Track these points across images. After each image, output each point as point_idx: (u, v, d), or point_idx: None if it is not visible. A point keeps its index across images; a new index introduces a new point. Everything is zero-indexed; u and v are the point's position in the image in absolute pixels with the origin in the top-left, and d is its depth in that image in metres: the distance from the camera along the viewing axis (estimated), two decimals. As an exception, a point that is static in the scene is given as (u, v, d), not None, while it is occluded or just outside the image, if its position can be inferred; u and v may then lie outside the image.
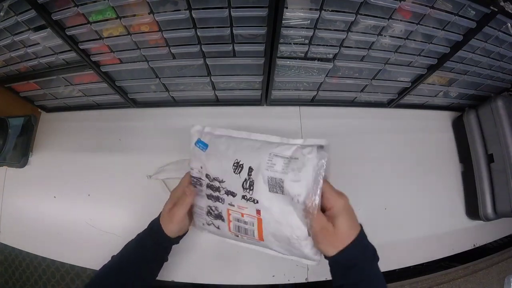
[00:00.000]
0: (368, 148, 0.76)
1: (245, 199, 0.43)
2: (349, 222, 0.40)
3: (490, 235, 0.76)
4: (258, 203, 0.42)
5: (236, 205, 0.44)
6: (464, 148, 0.76)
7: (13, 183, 0.77)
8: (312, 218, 0.38)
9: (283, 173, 0.39)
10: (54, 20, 0.49)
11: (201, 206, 0.48)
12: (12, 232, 0.74)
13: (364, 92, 0.72)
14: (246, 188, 0.42)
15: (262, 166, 0.41)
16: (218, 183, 0.44)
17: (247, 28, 0.51)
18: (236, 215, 0.44)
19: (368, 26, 0.52)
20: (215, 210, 0.46)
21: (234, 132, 0.48)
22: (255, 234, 0.44)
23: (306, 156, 0.40)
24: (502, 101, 0.69)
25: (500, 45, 0.60)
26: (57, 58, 0.59)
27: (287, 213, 0.40)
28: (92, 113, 0.80)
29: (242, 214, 0.43)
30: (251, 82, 0.67)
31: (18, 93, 0.74)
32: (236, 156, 0.43)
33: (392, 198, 0.73)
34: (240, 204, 0.43)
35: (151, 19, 0.48)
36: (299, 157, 0.40)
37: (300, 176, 0.39)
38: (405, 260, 0.69)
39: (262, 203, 0.41)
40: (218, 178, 0.44)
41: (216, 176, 0.45)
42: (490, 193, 0.69)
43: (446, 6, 0.49)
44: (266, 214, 0.42)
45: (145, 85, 0.69)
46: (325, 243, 0.38)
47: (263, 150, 0.43)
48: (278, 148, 0.42)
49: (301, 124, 0.76)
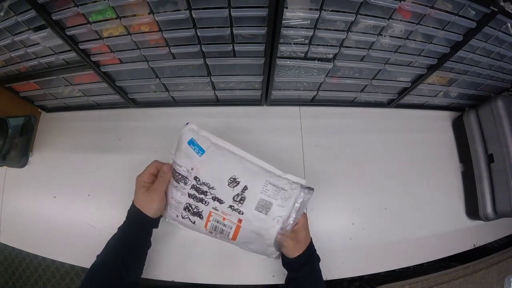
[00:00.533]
0: (368, 148, 0.76)
1: (231, 208, 0.50)
2: (306, 234, 0.54)
3: (490, 235, 0.76)
4: (242, 215, 0.50)
5: (220, 211, 0.50)
6: (464, 148, 0.77)
7: (13, 183, 0.77)
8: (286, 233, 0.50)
9: (274, 198, 0.49)
10: (54, 20, 0.49)
11: (179, 201, 0.52)
12: (12, 232, 0.74)
13: (364, 92, 0.72)
14: (236, 201, 0.49)
15: (257, 189, 0.50)
16: (207, 188, 0.50)
17: (247, 28, 0.51)
18: (218, 218, 0.51)
19: (368, 26, 0.52)
20: (195, 208, 0.51)
21: (233, 148, 0.53)
22: (230, 235, 0.51)
23: (293, 190, 0.50)
24: (502, 101, 0.69)
25: (500, 45, 0.60)
26: (57, 58, 0.59)
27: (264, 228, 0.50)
28: (92, 113, 0.80)
29: (224, 218, 0.50)
30: (251, 82, 0.67)
31: (18, 93, 0.74)
32: (234, 172, 0.50)
33: (392, 198, 0.73)
34: (224, 211, 0.50)
35: (151, 19, 0.48)
36: (288, 190, 0.50)
37: (285, 204, 0.50)
38: (405, 260, 0.69)
39: (246, 216, 0.50)
40: (209, 184, 0.50)
41: (208, 182, 0.50)
42: (490, 193, 0.69)
43: (446, 6, 0.49)
44: (246, 225, 0.50)
45: (145, 85, 0.69)
46: (291, 249, 0.52)
47: (260, 176, 0.51)
48: (273, 178, 0.51)
49: (301, 124, 0.76)
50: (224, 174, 0.50)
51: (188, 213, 0.52)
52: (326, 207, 0.70)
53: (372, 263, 0.68)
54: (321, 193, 0.71)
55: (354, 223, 0.70)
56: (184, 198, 0.51)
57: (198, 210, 0.51)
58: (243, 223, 0.50)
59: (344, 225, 0.70)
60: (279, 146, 0.73)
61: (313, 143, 0.74)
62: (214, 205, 0.50)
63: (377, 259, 0.69)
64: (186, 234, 0.67)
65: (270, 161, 0.70)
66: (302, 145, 0.74)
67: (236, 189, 0.49)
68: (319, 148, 0.74)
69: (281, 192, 0.49)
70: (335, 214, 0.71)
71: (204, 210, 0.51)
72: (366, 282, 0.73)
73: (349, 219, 0.70)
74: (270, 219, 0.49)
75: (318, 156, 0.74)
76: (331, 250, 0.67)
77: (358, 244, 0.69)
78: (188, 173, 0.50)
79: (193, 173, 0.50)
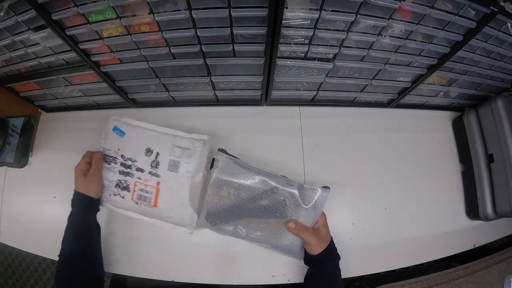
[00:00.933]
0: (368, 148, 0.76)
1: (151, 174, 0.60)
2: (326, 232, 0.58)
3: (490, 235, 0.76)
4: (159, 177, 0.60)
5: (143, 179, 0.60)
6: (464, 148, 0.77)
7: (13, 183, 0.77)
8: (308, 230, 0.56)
9: (180, 158, 0.59)
10: (54, 20, 0.49)
11: (111, 180, 0.61)
12: (12, 232, 0.74)
13: (364, 92, 0.72)
14: (154, 166, 0.60)
15: (167, 152, 0.60)
16: (131, 162, 0.61)
17: (247, 28, 0.51)
18: (141, 186, 0.60)
19: (368, 26, 0.52)
20: (124, 183, 0.61)
21: (146, 124, 0.63)
22: (152, 201, 0.59)
23: (196, 148, 0.60)
24: (502, 101, 0.69)
25: (500, 45, 0.60)
26: (57, 58, 0.59)
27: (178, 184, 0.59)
28: (92, 113, 0.80)
29: (146, 185, 0.60)
30: (251, 82, 0.67)
31: (18, 93, 0.74)
32: (148, 144, 0.61)
33: (392, 198, 0.73)
34: (146, 178, 0.60)
35: (151, 19, 0.48)
36: (191, 148, 0.60)
37: (191, 160, 0.59)
38: (405, 260, 0.69)
39: (162, 178, 0.60)
40: (132, 158, 0.61)
41: (131, 156, 0.61)
42: (490, 193, 0.69)
43: (446, 6, 0.49)
44: (163, 186, 0.59)
45: (145, 85, 0.69)
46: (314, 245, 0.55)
47: (167, 141, 0.61)
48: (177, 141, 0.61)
49: (301, 124, 0.76)
50: (141, 146, 0.61)
51: (119, 189, 0.61)
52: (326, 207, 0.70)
53: (372, 263, 0.68)
54: (321, 193, 0.71)
55: (354, 223, 0.70)
56: (115, 176, 0.61)
57: (127, 184, 0.61)
58: (161, 186, 0.59)
59: (344, 225, 0.70)
60: (279, 146, 0.73)
61: (313, 143, 0.74)
62: (138, 175, 0.60)
63: (377, 259, 0.69)
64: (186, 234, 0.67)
65: (270, 161, 0.71)
66: (302, 145, 0.74)
67: (152, 156, 0.60)
68: (319, 148, 0.74)
69: (186, 152, 0.59)
70: (335, 214, 0.70)
71: (130, 182, 0.61)
72: (366, 282, 0.73)
73: (349, 219, 0.70)
74: (180, 175, 0.58)
75: (318, 156, 0.74)
76: (331, 250, 0.67)
77: (358, 244, 0.69)
78: (116, 153, 0.61)
79: (119, 152, 0.61)
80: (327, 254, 0.55)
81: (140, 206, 0.59)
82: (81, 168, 0.60)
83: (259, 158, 0.71)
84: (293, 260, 0.66)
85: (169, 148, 0.59)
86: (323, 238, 0.56)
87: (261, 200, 0.56)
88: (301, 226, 0.56)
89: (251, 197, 0.56)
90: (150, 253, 0.67)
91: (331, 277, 0.55)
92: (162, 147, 0.59)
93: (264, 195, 0.56)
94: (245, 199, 0.56)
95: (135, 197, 0.59)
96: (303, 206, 0.56)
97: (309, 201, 0.56)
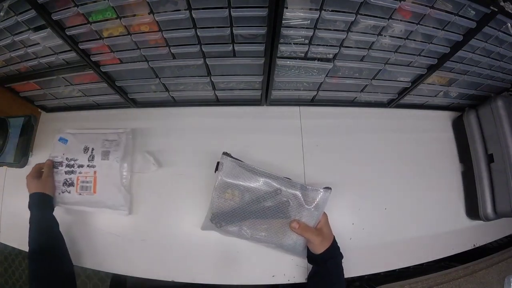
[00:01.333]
0: (368, 148, 0.76)
1: (88, 166, 0.69)
2: (329, 231, 0.60)
3: (490, 235, 0.76)
4: (95, 167, 0.69)
5: (83, 172, 0.69)
6: (464, 148, 0.76)
7: (13, 183, 0.77)
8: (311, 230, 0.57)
9: (109, 148, 0.70)
10: (54, 20, 0.49)
11: (59, 180, 0.70)
12: (12, 232, 0.74)
13: (364, 92, 0.72)
14: (90, 160, 0.69)
15: (99, 146, 0.70)
16: (74, 162, 0.70)
17: (247, 28, 0.51)
18: (82, 178, 0.69)
19: (368, 26, 0.52)
20: (70, 180, 0.69)
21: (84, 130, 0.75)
22: (91, 189, 0.68)
23: (121, 138, 0.71)
24: (502, 101, 0.69)
25: (500, 45, 0.60)
26: (57, 58, 0.59)
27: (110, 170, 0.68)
28: (92, 113, 0.80)
29: (86, 177, 0.69)
30: (251, 82, 0.67)
31: (18, 93, 0.74)
32: (85, 144, 0.71)
33: (392, 198, 0.73)
34: (86, 171, 0.69)
35: (151, 19, 0.48)
36: (117, 139, 0.71)
37: (118, 148, 0.70)
38: (405, 260, 0.69)
39: (97, 167, 0.69)
40: (74, 158, 0.70)
41: (73, 157, 0.70)
42: (490, 193, 0.69)
43: (446, 6, 0.49)
44: (99, 173, 0.69)
45: (145, 85, 0.69)
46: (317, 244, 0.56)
47: (99, 138, 0.72)
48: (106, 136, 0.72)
49: (301, 124, 0.76)
50: (80, 147, 0.71)
51: (66, 186, 0.69)
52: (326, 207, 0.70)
53: (372, 263, 0.68)
54: (321, 193, 0.71)
55: (354, 223, 0.70)
56: (62, 176, 0.70)
57: (71, 180, 0.69)
58: (98, 174, 0.68)
59: (344, 225, 0.70)
60: (279, 146, 0.73)
61: (313, 143, 0.74)
62: (79, 170, 0.69)
63: (377, 259, 0.69)
64: (186, 235, 0.68)
65: (270, 161, 0.71)
66: (302, 145, 0.74)
67: (88, 152, 0.70)
68: (319, 148, 0.74)
69: (114, 142, 0.70)
70: (335, 214, 0.70)
71: (74, 178, 0.69)
72: (366, 282, 0.73)
73: (349, 219, 0.70)
74: (111, 161, 0.68)
75: (318, 156, 0.74)
76: (331, 250, 0.67)
77: (358, 244, 0.69)
78: (62, 158, 0.71)
79: (64, 156, 0.71)
80: (330, 253, 0.57)
81: (84, 197, 0.68)
82: (32, 175, 0.67)
83: (259, 158, 0.71)
84: (293, 260, 0.66)
85: (101, 142, 0.70)
86: (326, 237, 0.58)
87: (265, 201, 0.57)
88: (304, 226, 0.57)
89: (255, 199, 0.57)
90: (150, 253, 0.67)
91: (334, 276, 0.56)
92: (95, 143, 0.70)
93: (268, 196, 0.57)
94: (249, 201, 0.57)
95: (78, 189, 0.68)
96: (305, 206, 0.57)
97: (311, 202, 0.57)
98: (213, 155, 0.59)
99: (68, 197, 0.69)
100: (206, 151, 0.71)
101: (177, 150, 0.74)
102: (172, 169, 0.72)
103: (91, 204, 0.68)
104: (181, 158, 0.73)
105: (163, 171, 0.72)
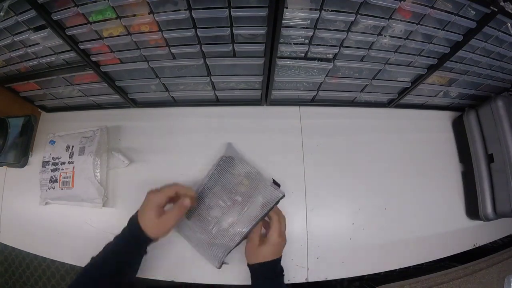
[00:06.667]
0: (368, 148, 0.76)
1: (69, 163, 0.73)
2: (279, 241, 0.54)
3: (490, 235, 0.76)
4: (73, 163, 0.72)
5: (65, 169, 0.72)
6: (464, 148, 0.76)
7: (13, 183, 0.77)
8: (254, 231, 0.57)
9: (86, 144, 0.73)
10: (54, 20, 0.49)
11: (46, 178, 0.73)
12: (12, 232, 0.74)
13: (364, 92, 0.72)
14: (70, 157, 0.73)
15: (77, 144, 0.74)
16: (58, 160, 0.74)
17: (247, 28, 0.51)
18: (64, 174, 0.72)
19: (368, 26, 0.52)
20: (54, 177, 0.73)
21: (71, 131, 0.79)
22: (70, 183, 0.71)
23: (96, 135, 0.74)
24: (502, 101, 0.69)
25: (500, 45, 0.59)
26: (57, 58, 0.59)
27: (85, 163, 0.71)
28: (92, 113, 0.80)
29: (66, 172, 0.72)
30: (251, 82, 0.67)
31: (18, 93, 0.74)
32: (67, 143, 0.75)
33: (392, 198, 0.73)
34: (66, 167, 0.72)
35: (151, 19, 0.48)
36: (92, 135, 0.74)
37: (92, 143, 0.72)
38: (405, 260, 0.69)
39: (75, 162, 0.72)
40: (58, 157, 0.74)
41: (57, 156, 0.74)
42: (490, 193, 0.69)
43: (446, 6, 0.49)
44: (76, 168, 0.72)
45: (145, 85, 0.69)
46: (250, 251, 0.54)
47: (78, 136, 0.76)
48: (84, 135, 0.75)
49: (301, 124, 0.76)
50: (63, 146, 0.74)
51: (51, 183, 0.72)
52: (326, 207, 0.70)
53: (372, 263, 0.68)
54: (321, 193, 0.71)
55: (354, 223, 0.70)
56: (49, 174, 0.73)
57: (56, 177, 0.72)
58: (75, 169, 0.71)
59: (344, 225, 0.70)
60: (279, 146, 0.74)
61: (313, 143, 0.74)
62: (62, 167, 0.73)
63: (377, 259, 0.69)
64: (186, 234, 0.68)
65: (270, 161, 0.71)
66: (302, 145, 0.74)
67: (69, 150, 0.73)
68: (319, 148, 0.74)
69: (89, 138, 0.74)
70: (335, 214, 0.71)
71: (57, 175, 0.73)
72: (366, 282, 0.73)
73: (349, 219, 0.70)
74: (86, 156, 0.71)
75: (318, 156, 0.74)
76: (331, 250, 0.67)
77: (358, 244, 0.69)
78: (49, 157, 0.75)
79: (51, 156, 0.75)
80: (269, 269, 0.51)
81: (65, 191, 0.72)
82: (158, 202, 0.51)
83: (259, 158, 0.71)
84: (293, 261, 0.66)
85: (79, 140, 0.74)
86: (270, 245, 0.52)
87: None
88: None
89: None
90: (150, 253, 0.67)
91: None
92: (75, 141, 0.75)
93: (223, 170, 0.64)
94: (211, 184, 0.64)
95: (60, 184, 0.72)
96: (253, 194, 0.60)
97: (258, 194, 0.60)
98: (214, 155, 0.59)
99: (52, 193, 0.72)
100: (206, 151, 0.71)
101: (177, 150, 0.74)
102: (172, 169, 0.72)
103: (70, 198, 0.72)
104: (181, 158, 0.73)
105: (163, 171, 0.72)
